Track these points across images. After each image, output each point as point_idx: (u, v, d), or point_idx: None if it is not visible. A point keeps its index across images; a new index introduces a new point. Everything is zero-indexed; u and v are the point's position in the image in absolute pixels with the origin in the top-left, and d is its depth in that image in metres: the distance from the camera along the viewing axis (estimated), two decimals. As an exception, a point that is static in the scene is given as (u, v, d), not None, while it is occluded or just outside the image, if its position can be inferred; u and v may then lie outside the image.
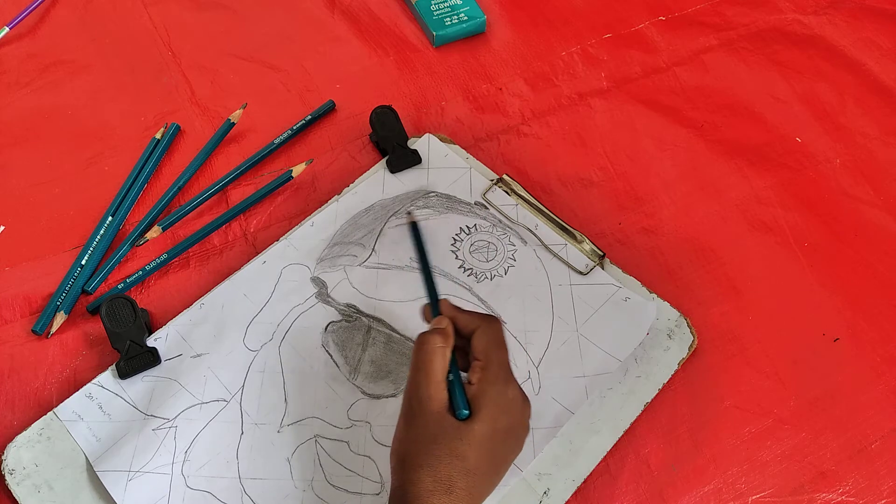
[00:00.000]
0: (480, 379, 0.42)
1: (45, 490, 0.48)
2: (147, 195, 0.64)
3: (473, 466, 0.39)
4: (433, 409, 0.40)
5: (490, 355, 0.42)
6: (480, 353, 0.43)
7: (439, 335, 0.43)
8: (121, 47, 0.74)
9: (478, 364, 0.42)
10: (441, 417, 0.40)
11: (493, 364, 0.42)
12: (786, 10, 0.76)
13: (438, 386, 0.41)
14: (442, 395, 0.41)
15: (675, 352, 0.53)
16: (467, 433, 0.40)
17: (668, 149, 0.66)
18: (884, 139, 0.67)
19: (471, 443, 0.40)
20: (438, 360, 0.42)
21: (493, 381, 0.41)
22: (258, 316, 0.55)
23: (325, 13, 0.77)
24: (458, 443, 0.39)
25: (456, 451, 0.39)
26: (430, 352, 0.42)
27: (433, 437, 0.40)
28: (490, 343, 0.43)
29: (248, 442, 0.50)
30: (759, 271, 0.59)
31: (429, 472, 0.39)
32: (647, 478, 0.50)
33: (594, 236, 0.60)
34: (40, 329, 0.55)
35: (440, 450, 0.39)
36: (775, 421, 0.52)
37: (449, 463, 0.39)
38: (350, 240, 0.59)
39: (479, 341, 0.43)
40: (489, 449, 0.40)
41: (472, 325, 0.44)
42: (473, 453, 0.40)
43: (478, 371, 0.42)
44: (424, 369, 0.42)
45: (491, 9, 0.77)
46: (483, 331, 0.43)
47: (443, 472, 0.39)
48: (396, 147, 0.63)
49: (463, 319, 0.44)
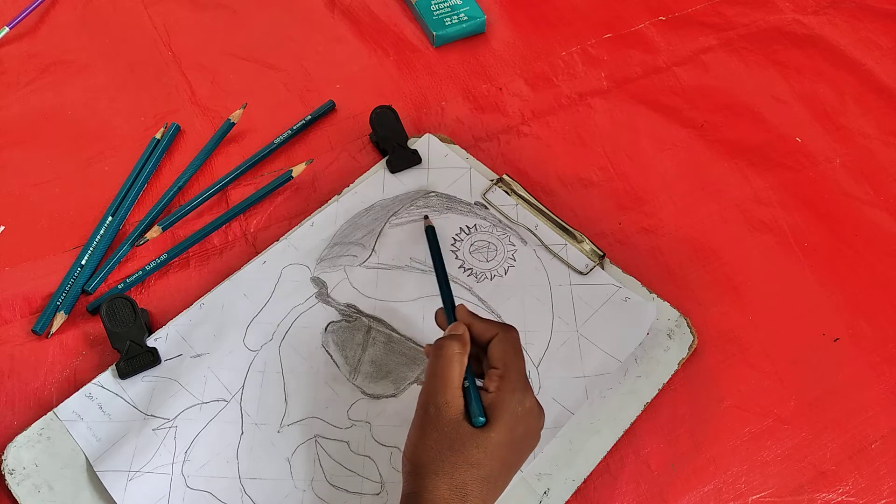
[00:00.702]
0: (499, 387, 0.41)
1: (45, 490, 0.48)
2: (147, 195, 0.64)
3: (488, 474, 0.39)
4: (450, 416, 0.40)
5: (508, 364, 0.42)
6: (498, 362, 0.42)
7: (457, 342, 0.43)
8: (121, 47, 0.74)
9: (495, 372, 0.42)
10: (458, 424, 0.40)
11: (512, 373, 0.42)
12: (786, 10, 0.76)
13: (455, 392, 0.41)
14: (459, 401, 0.41)
15: (675, 352, 0.53)
16: (484, 441, 0.40)
17: (668, 149, 0.66)
18: (884, 139, 0.67)
19: (487, 450, 0.39)
20: (456, 366, 0.42)
21: (511, 390, 0.41)
22: (258, 316, 0.55)
23: (325, 13, 0.77)
24: (475, 451, 0.39)
25: (472, 458, 0.39)
26: (448, 358, 0.42)
27: (450, 445, 0.39)
28: (508, 351, 0.43)
29: (248, 442, 0.50)
30: (759, 271, 0.59)
31: (445, 479, 0.39)
32: (647, 478, 0.50)
33: (594, 236, 0.60)
34: (40, 329, 0.55)
35: (457, 457, 0.39)
36: (775, 421, 0.52)
37: (465, 471, 0.39)
38: (350, 240, 0.59)
39: (496, 349, 0.43)
40: (504, 457, 0.40)
41: (488, 334, 0.44)
42: (489, 461, 0.39)
43: (496, 379, 0.42)
44: (441, 376, 0.41)
45: (491, 9, 0.77)
46: (501, 339, 0.43)
47: (458, 480, 0.39)
48: (396, 147, 0.63)
49: (479, 327, 0.44)
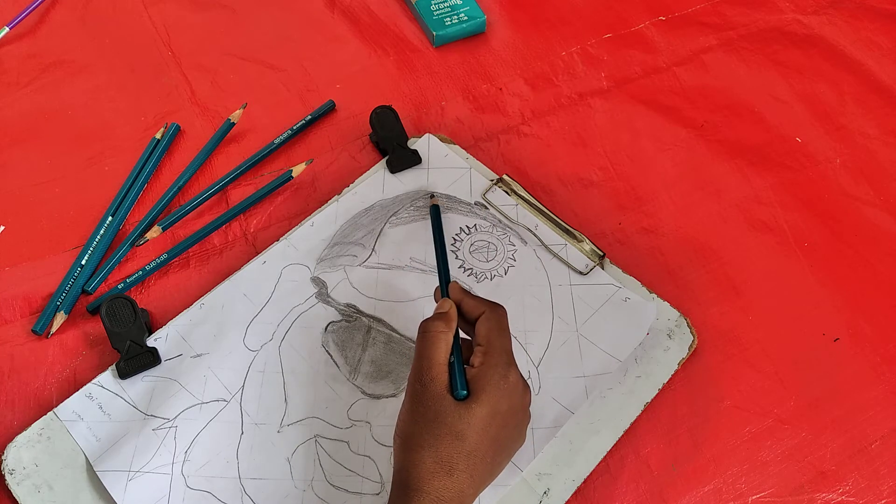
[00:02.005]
0: (482, 363, 0.42)
1: (45, 490, 0.48)
2: (147, 195, 0.64)
3: (473, 448, 0.40)
4: (434, 391, 0.41)
5: (492, 340, 0.43)
6: (483, 338, 0.43)
7: (441, 320, 0.44)
8: (121, 47, 0.74)
9: (479, 349, 0.43)
10: (441, 397, 0.41)
11: (495, 349, 0.43)
12: (786, 10, 0.76)
13: (440, 368, 0.42)
14: (443, 376, 0.42)
15: (675, 352, 0.53)
16: (466, 413, 0.40)
17: (668, 149, 0.66)
18: (884, 139, 0.67)
19: (470, 423, 0.40)
20: (441, 343, 0.43)
21: (494, 365, 0.42)
22: (258, 316, 0.55)
23: (325, 13, 0.77)
24: (458, 422, 0.40)
25: (455, 430, 0.40)
26: (433, 336, 0.43)
27: (434, 417, 0.40)
28: (493, 328, 0.44)
29: (248, 442, 0.50)
30: (759, 271, 0.59)
31: (430, 452, 0.39)
32: (647, 478, 0.50)
33: (594, 236, 0.60)
34: (40, 329, 0.55)
35: (440, 429, 0.40)
36: (775, 421, 0.52)
37: (449, 443, 0.40)
38: (350, 240, 0.59)
39: (482, 326, 0.44)
40: (489, 431, 0.41)
41: (477, 311, 0.45)
42: (473, 434, 0.40)
43: (479, 355, 0.43)
44: (426, 354, 0.42)
45: (491, 9, 0.77)
46: (487, 316, 0.44)
47: (443, 453, 0.39)
48: (396, 147, 0.63)
49: (469, 304, 0.45)
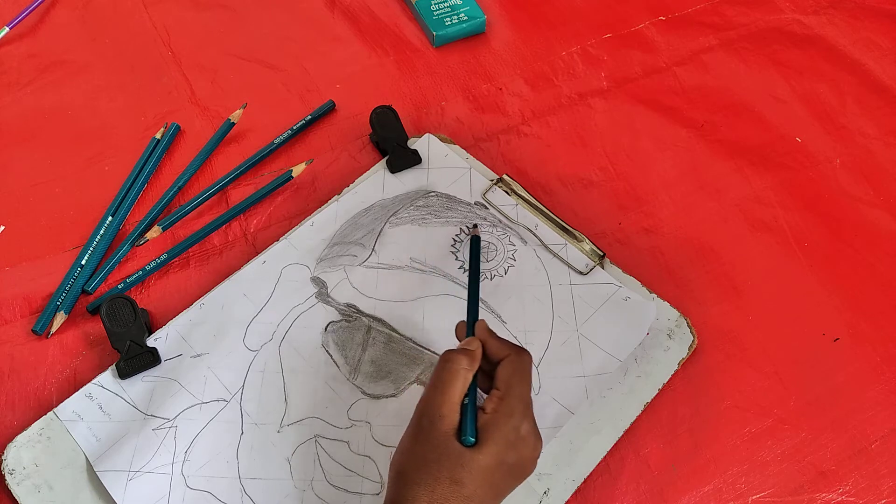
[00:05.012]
0: (495, 409, 0.41)
1: (45, 490, 0.48)
2: (147, 195, 0.64)
3: (470, 494, 0.39)
4: (442, 430, 0.40)
5: (511, 387, 0.41)
6: (501, 383, 0.42)
7: (466, 356, 0.42)
8: (121, 47, 0.74)
9: (497, 393, 0.42)
10: (447, 439, 0.40)
11: (512, 397, 0.41)
12: (786, 10, 0.76)
13: (453, 407, 0.41)
14: (454, 417, 0.40)
15: (675, 352, 0.53)
16: (469, 461, 0.39)
17: (668, 149, 0.66)
18: (884, 139, 0.67)
19: (471, 471, 0.39)
20: (459, 381, 0.41)
21: (507, 414, 0.40)
22: (258, 316, 0.55)
23: (325, 13, 0.77)
24: (459, 469, 0.39)
25: (455, 476, 0.38)
26: (453, 371, 0.41)
27: (436, 458, 0.39)
28: (514, 374, 0.42)
29: (248, 442, 0.50)
30: (759, 271, 0.59)
31: (426, 491, 0.38)
32: (647, 478, 0.50)
33: (594, 236, 0.60)
34: (40, 329, 0.55)
35: (440, 472, 0.39)
36: (775, 421, 0.52)
37: (447, 487, 0.38)
38: (350, 240, 0.59)
39: (503, 371, 0.42)
40: (490, 480, 0.39)
41: (501, 354, 0.43)
42: (472, 482, 0.39)
43: (494, 401, 0.41)
44: (442, 388, 0.41)
45: (491, 9, 0.77)
46: (510, 361, 0.43)
47: (439, 494, 0.38)
48: (396, 147, 0.63)
49: (493, 345, 0.44)
